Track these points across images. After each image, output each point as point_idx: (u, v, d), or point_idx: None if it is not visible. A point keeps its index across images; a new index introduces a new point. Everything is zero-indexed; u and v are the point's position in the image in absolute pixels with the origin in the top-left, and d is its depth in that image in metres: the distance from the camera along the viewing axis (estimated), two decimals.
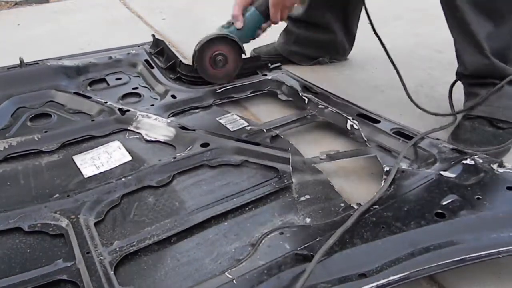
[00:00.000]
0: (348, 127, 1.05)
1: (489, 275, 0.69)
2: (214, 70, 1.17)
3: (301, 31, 1.48)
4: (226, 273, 0.63)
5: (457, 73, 1.11)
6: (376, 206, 0.74)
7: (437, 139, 0.93)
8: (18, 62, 1.28)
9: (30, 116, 1.14)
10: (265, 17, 1.16)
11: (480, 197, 0.73)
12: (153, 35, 1.51)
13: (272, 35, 1.59)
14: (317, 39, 1.49)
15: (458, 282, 0.68)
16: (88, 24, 2.12)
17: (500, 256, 0.64)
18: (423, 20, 1.10)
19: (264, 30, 1.21)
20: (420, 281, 0.69)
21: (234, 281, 0.61)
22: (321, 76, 1.44)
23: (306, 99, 1.18)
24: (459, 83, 1.14)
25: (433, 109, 1.14)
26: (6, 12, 2.39)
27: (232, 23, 1.16)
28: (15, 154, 0.98)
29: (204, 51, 1.13)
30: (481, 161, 0.82)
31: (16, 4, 2.51)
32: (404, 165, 0.88)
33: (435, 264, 0.63)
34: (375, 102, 1.24)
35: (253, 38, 1.24)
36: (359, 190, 0.88)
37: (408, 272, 0.62)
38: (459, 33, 1.04)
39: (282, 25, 1.54)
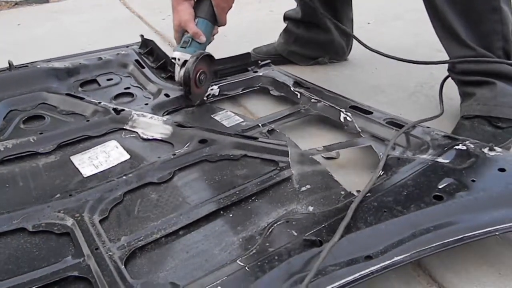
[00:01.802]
0: (342, 119, 1.08)
1: (489, 274, 0.71)
2: (198, 89, 1.17)
3: (300, 31, 1.50)
4: (237, 261, 0.64)
5: (448, 70, 1.15)
6: (377, 193, 0.76)
7: (428, 127, 0.97)
8: (20, 61, 1.27)
9: (23, 119, 1.12)
10: (212, 23, 1.16)
11: (474, 179, 0.76)
12: (142, 35, 1.50)
13: (272, 35, 1.61)
14: (316, 39, 1.51)
15: (458, 281, 0.70)
16: (88, 24, 2.11)
17: (497, 233, 0.67)
18: (423, 20, 1.13)
19: (214, 35, 1.22)
20: (420, 280, 0.72)
21: (246, 268, 0.63)
22: (320, 76, 1.46)
23: (298, 94, 1.20)
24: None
25: (433, 108, 1.17)
26: (6, 12, 2.36)
27: (190, 41, 1.14)
28: (11, 157, 0.97)
29: (193, 73, 1.10)
30: (472, 146, 0.85)
31: (16, 4, 2.48)
32: (399, 153, 0.91)
33: (436, 244, 0.66)
34: (375, 102, 1.26)
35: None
36: (356, 180, 0.91)
37: (411, 253, 0.65)
38: (442, 32, 1.07)
39: (282, 25, 1.56)
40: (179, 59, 1.14)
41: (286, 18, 1.55)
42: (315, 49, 1.53)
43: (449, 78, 1.18)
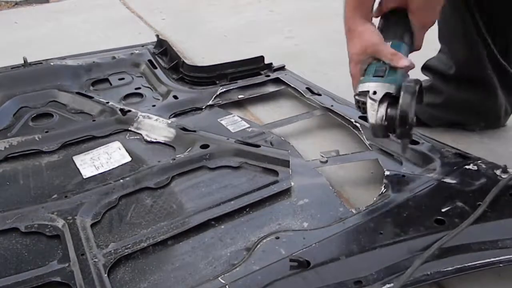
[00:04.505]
0: (352, 129, 1.04)
1: (489, 275, 0.68)
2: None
3: (452, 90, 1.04)
4: (219, 278, 0.62)
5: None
6: (375, 212, 0.72)
7: (439, 142, 0.92)
8: (20, 61, 1.28)
9: (32, 116, 1.14)
10: (409, 47, 0.80)
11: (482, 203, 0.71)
12: (157, 35, 1.51)
13: (272, 35, 1.57)
14: (472, 101, 1.03)
15: (458, 282, 0.67)
16: (88, 24, 2.13)
17: (501, 265, 0.62)
18: None
19: None
20: None
21: (227, 286, 0.60)
22: (322, 77, 1.41)
23: (309, 101, 1.17)
24: None
25: None
26: (6, 12, 2.41)
27: (388, 68, 0.73)
28: (15, 154, 0.98)
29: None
30: (484, 166, 0.80)
31: (16, 4, 2.53)
32: (405, 170, 0.86)
33: (433, 272, 0.62)
34: None
35: None
36: (360, 193, 0.87)
37: (405, 280, 0.61)
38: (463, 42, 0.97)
39: (282, 25, 1.51)
40: (375, 93, 0.72)
41: (427, 68, 1.09)
42: (466, 114, 1.06)
43: None
